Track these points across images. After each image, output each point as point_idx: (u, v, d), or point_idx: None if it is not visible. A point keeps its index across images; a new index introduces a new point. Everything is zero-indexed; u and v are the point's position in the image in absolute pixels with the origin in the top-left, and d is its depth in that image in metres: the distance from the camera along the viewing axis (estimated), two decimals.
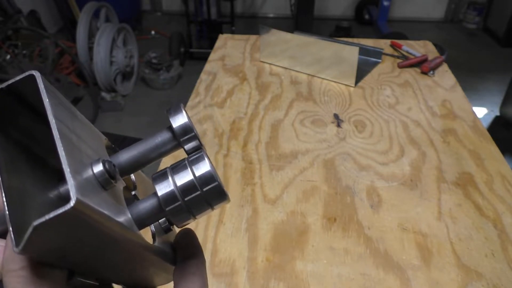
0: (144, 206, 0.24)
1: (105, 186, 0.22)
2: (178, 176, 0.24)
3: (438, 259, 0.57)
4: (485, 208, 0.66)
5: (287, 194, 0.68)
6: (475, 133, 0.83)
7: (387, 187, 0.70)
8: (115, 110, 2.45)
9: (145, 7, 3.99)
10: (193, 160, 0.25)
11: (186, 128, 0.26)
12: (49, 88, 0.21)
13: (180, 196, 0.24)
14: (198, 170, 0.24)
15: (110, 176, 0.22)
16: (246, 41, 1.25)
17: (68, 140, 0.20)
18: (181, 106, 0.26)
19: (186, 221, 0.25)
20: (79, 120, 0.24)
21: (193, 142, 0.26)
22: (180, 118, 0.26)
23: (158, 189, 0.24)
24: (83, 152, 0.21)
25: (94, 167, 0.21)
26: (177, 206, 0.24)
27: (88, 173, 0.20)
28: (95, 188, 0.20)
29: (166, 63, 2.62)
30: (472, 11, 3.62)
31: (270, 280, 0.55)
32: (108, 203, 0.21)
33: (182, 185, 0.24)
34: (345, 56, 0.98)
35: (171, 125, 0.26)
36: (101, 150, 0.25)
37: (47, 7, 3.20)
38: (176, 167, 0.25)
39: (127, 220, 0.23)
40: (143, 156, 0.26)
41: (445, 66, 1.10)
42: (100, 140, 0.26)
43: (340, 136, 0.83)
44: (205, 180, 0.24)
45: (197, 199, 0.24)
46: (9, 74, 2.04)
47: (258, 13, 3.98)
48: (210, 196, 0.24)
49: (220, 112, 0.90)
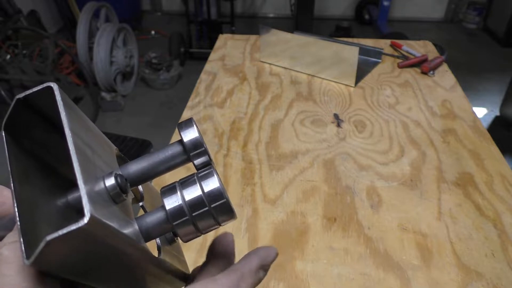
0: (152, 219, 0.25)
1: (116, 200, 0.22)
2: (187, 191, 0.24)
3: (438, 259, 0.57)
4: (485, 208, 0.66)
5: (287, 194, 0.68)
6: (475, 133, 0.83)
7: (387, 187, 0.70)
8: (115, 110, 2.45)
9: (145, 7, 3.99)
10: (202, 176, 0.25)
11: (196, 143, 0.26)
12: (66, 100, 0.21)
13: (187, 211, 0.24)
14: (207, 186, 0.24)
15: (122, 190, 0.22)
16: (246, 41, 1.25)
17: (82, 154, 0.20)
18: (192, 121, 0.27)
19: (192, 236, 0.25)
20: (92, 132, 0.24)
21: (202, 158, 0.26)
22: (191, 132, 0.26)
23: (166, 203, 0.24)
24: (96, 165, 0.22)
25: (107, 181, 0.22)
26: (185, 221, 0.24)
27: (100, 186, 0.21)
28: (106, 202, 0.21)
29: (166, 63, 2.62)
30: (472, 11, 3.62)
31: (270, 280, 0.55)
32: (118, 217, 0.21)
33: (190, 200, 0.24)
34: (345, 56, 0.98)
35: (182, 139, 0.26)
36: (113, 162, 0.25)
37: (47, 7, 3.20)
38: (185, 182, 0.25)
39: (135, 233, 0.23)
40: (152, 169, 0.26)
41: (445, 66, 1.10)
42: (111, 151, 0.26)
43: (340, 136, 0.83)
44: (213, 197, 0.24)
45: (204, 214, 0.24)
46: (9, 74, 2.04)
47: (258, 13, 3.98)
48: (218, 213, 0.24)
49: (220, 112, 0.90)
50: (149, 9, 4.01)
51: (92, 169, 0.20)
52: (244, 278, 0.24)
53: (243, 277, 0.24)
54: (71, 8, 2.95)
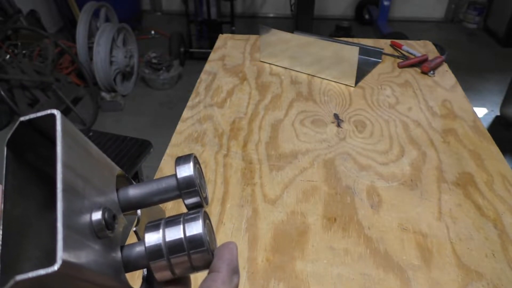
0: (133, 252, 0.24)
1: (99, 235, 0.21)
2: (169, 231, 0.24)
3: (438, 259, 0.57)
4: (485, 208, 0.66)
5: (287, 194, 0.68)
6: (475, 133, 0.83)
7: (387, 187, 0.70)
8: (115, 110, 2.45)
9: (145, 7, 3.99)
10: (188, 219, 0.24)
11: (189, 181, 0.25)
12: (67, 127, 0.21)
13: (165, 252, 0.23)
14: (190, 231, 0.24)
15: (107, 226, 0.22)
16: (246, 41, 1.25)
17: (71, 190, 0.20)
18: (191, 157, 0.26)
19: (166, 277, 0.24)
20: (92, 156, 0.23)
21: (193, 198, 0.26)
22: (186, 169, 0.25)
23: (146, 240, 0.24)
24: (86, 198, 0.21)
25: (94, 215, 0.21)
26: (161, 262, 0.23)
27: (84, 221, 0.21)
28: (86, 239, 0.20)
29: (166, 63, 2.62)
30: (472, 11, 3.62)
31: (270, 280, 0.55)
32: (97, 253, 0.21)
33: (170, 242, 0.23)
34: (345, 56, 0.98)
35: (176, 174, 0.25)
36: (109, 190, 0.25)
37: (47, 7, 3.20)
38: (170, 221, 0.24)
39: (115, 267, 0.23)
40: (147, 199, 0.26)
41: (445, 66, 1.10)
42: (111, 174, 0.26)
43: (340, 136, 0.83)
44: (194, 243, 0.23)
45: (182, 260, 0.23)
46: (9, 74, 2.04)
47: (258, 13, 3.97)
48: (196, 260, 0.23)
49: (220, 112, 0.90)
50: (149, 9, 4.01)
51: (78, 204, 0.20)
52: None
53: None
54: (71, 8, 2.95)
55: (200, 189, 0.26)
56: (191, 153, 0.27)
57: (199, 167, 0.28)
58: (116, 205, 0.25)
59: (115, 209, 0.25)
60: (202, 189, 0.27)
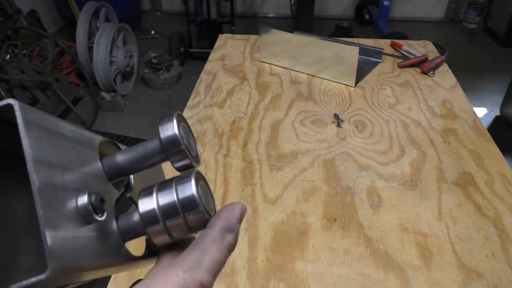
0: (129, 221, 0.24)
1: (89, 221, 0.21)
2: (162, 196, 0.23)
3: (438, 259, 0.57)
4: (486, 208, 0.65)
5: (287, 194, 0.68)
6: (475, 133, 0.83)
7: (387, 187, 0.69)
8: (115, 110, 2.45)
9: (145, 7, 3.98)
10: (180, 181, 0.23)
11: (173, 141, 0.24)
12: (30, 115, 0.19)
13: (161, 218, 0.23)
14: (182, 193, 0.23)
15: (95, 210, 0.21)
16: (246, 41, 1.25)
17: (49, 186, 0.19)
18: (174, 115, 0.24)
19: (165, 241, 0.24)
20: (65, 138, 0.22)
21: (181, 158, 0.24)
22: (169, 128, 0.24)
23: (140, 207, 0.23)
24: (67, 187, 0.20)
25: (79, 200, 0.21)
26: (157, 227, 0.23)
27: (70, 212, 0.20)
28: (76, 230, 0.20)
29: (166, 63, 2.61)
30: (473, 11, 3.62)
31: (270, 280, 0.54)
32: (90, 241, 0.20)
33: (163, 206, 0.23)
34: (345, 56, 0.98)
35: (159, 135, 0.24)
36: (92, 165, 0.23)
37: (47, 7, 3.20)
38: (162, 186, 0.24)
39: (112, 244, 0.22)
40: (135, 164, 0.25)
41: (445, 66, 1.10)
42: (92, 148, 0.24)
43: (340, 136, 0.82)
44: (188, 205, 0.23)
45: (177, 223, 0.23)
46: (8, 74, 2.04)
47: (258, 13, 3.97)
48: (192, 222, 0.23)
49: (220, 112, 0.90)
50: (149, 9, 4.01)
51: (60, 197, 0.19)
52: (207, 251, 0.22)
53: (205, 251, 0.22)
54: (71, 8, 2.95)
55: (188, 148, 0.24)
56: (177, 111, 0.25)
57: (186, 125, 0.26)
58: (102, 178, 0.24)
59: (101, 184, 0.23)
60: (191, 148, 0.25)
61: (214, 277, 0.21)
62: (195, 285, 0.20)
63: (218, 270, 0.22)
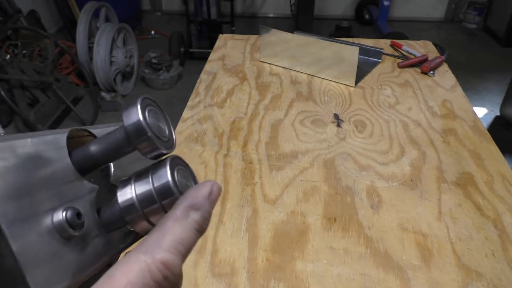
0: (110, 213, 0.24)
1: (66, 237, 0.21)
2: (139, 185, 0.23)
3: (438, 259, 0.57)
4: (485, 208, 0.65)
5: (287, 194, 0.68)
6: (475, 133, 0.83)
7: (387, 187, 0.70)
8: (115, 110, 2.45)
9: (145, 7, 3.99)
10: (155, 169, 0.23)
11: (139, 128, 0.22)
12: None
13: (139, 207, 0.23)
14: (158, 181, 0.23)
15: (72, 227, 0.21)
16: (246, 41, 1.25)
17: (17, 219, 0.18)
18: (139, 100, 0.23)
19: (147, 229, 0.24)
20: (29, 157, 0.21)
21: (151, 148, 0.23)
22: (132, 115, 0.22)
23: (119, 197, 0.23)
24: (38, 212, 0.20)
25: (55, 216, 0.20)
26: (137, 216, 0.23)
27: (45, 237, 0.19)
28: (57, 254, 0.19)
29: (166, 63, 2.61)
30: (472, 11, 3.62)
31: (270, 280, 0.55)
32: (71, 255, 0.20)
33: (140, 195, 0.23)
34: (345, 56, 0.98)
35: (123, 122, 0.23)
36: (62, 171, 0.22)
37: (47, 7, 3.20)
38: (139, 175, 0.23)
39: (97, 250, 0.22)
40: (104, 157, 0.24)
41: (445, 66, 1.10)
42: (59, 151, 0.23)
43: (340, 136, 0.83)
44: (163, 192, 0.23)
45: (156, 211, 0.23)
46: (8, 74, 2.04)
47: (258, 13, 3.97)
48: (169, 208, 0.22)
49: (220, 112, 0.90)
50: (149, 9, 4.01)
51: (32, 225, 0.19)
52: (167, 231, 0.21)
53: (165, 231, 0.21)
54: (71, 8, 2.95)
55: (157, 135, 0.23)
56: (144, 95, 0.24)
57: (155, 108, 0.24)
58: (75, 179, 0.23)
59: (75, 186, 0.23)
60: (161, 133, 0.24)
61: (179, 257, 0.20)
62: (157, 265, 0.19)
63: (185, 250, 0.21)
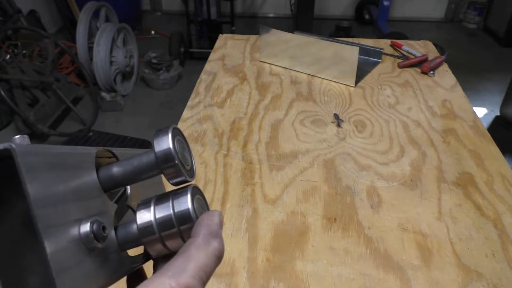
0: (127, 232, 0.25)
1: (91, 248, 0.21)
2: (159, 209, 0.24)
3: (438, 259, 0.57)
4: (486, 208, 0.65)
5: (287, 194, 0.68)
6: (475, 133, 0.83)
7: (387, 187, 0.69)
8: (115, 110, 2.45)
9: (145, 7, 3.99)
10: (177, 195, 0.24)
11: (168, 156, 0.24)
12: (29, 158, 0.19)
13: (157, 230, 0.24)
14: (178, 206, 0.24)
15: (97, 238, 0.22)
16: (246, 41, 1.25)
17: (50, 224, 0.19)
18: (169, 129, 0.25)
19: (161, 253, 0.25)
20: (64, 167, 0.22)
21: (176, 174, 0.24)
22: (163, 142, 0.24)
23: (138, 218, 0.24)
24: (69, 220, 0.21)
25: (82, 228, 0.21)
26: (153, 239, 0.24)
27: (73, 244, 0.20)
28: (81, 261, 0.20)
29: (166, 63, 2.61)
30: (472, 11, 3.62)
31: (270, 280, 0.54)
32: (91, 266, 0.21)
33: (160, 219, 0.24)
34: (345, 56, 0.98)
35: (154, 148, 0.24)
36: (89, 184, 0.24)
37: (47, 7, 3.20)
38: (160, 199, 0.25)
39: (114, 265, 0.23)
40: (130, 177, 0.25)
41: (445, 66, 1.10)
42: (90, 166, 0.24)
43: (340, 136, 0.82)
44: (183, 218, 0.24)
45: (173, 235, 0.24)
46: (8, 74, 2.04)
47: (258, 13, 3.97)
48: (187, 234, 0.24)
49: (220, 112, 0.90)
50: (149, 9, 4.01)
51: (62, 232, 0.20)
52: (191, 257, 0.22)
53: (190, 257, 0.22)
54: (71, 8, 2.95)
55: (183, 163, 0.25)
56: (172, 124, 0.26)
57: (181, 138, 0.26)
58: (100, 196, 0.24)
59: (100, 202, 0.24)
60: (185, 162, 0.26)
61: (201, 283, 0.21)
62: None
63: (206, 276, 0.22)
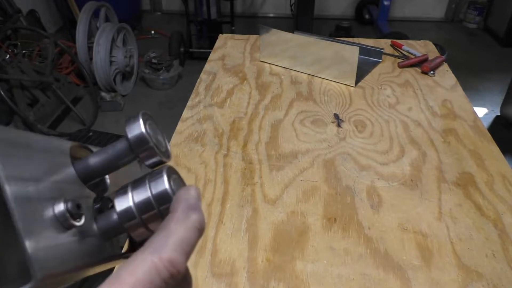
0: (108, 221, 0.25)
1: (67, 226, 0.22)
2: (137, 192, 0.24)
3: (439, 259, 0.57)
4: (486, 208, 0.65)
5: (287, 194, 0.68)
6: (475, 133, 0.83)
7: (387, 187, 0.69)
8: (115, 110, 2.45)
9: (145, 7, 3.98)
10: (152, 176, 0.24)
11: (141, 139, 0.24)
12: None
13: (137, 214, 0.24)
14: (155, 188, 0.24)
15: (72, 216, 0.22)
16: (246, 41, 1.25)
17: (24, 199, 0.20)
18: (140, 114, 0.25)
19: (145, 236, 0.24)
20: (36, 149, 0.22)
21: (151, 157, 0.25)
22: (135, 127, 0.24)
23: (117, 205, 0.24)
24: (42, 197, 0.21)
25: (56, 208, 0.21)
26: (135, 223, 0.24)
27: (48, 221, 0.21)
28: (56, 237, 0.20)
29: (166, 63, 2.61)
30: (473, 10, 3.62)
31: (270, 280, 0.54)
32: (71, 246, 0.21)
33: (138, 202, 0.24)
34: (345, 56, 0.98)
35: (126, 135, 0.24)
36: (65, 172, 0.24)
37: (47, 7, 3.20)
38: (136, 183, 0.25)
39: (93, 246, 0.23)
40: (107, 166, 0.26)
41: (446, 66, 1.10)
42: (64, 155, 0.25)
43: (340, 136, 0.82)
44: (162, 199, 0.24)
45: (154, 217, 0.24)
46: (8, 74, 2.04)
47: (258, 13, 3.97)
48: (166, 214, 0.24)
49: (220, 112, 0.90)
50: (149, 9, 4.01)
51: (37, 209, 0.20)
52: (171, 232, 0.22)
53: (170, 232, 0.22)
54: (71, 8, 2.95)
55: (157, 145, 0.25)
56: (143, 111, 0.26)
57: (152, 122, 0.27)
58: (77, 183, 0.25)
59: (77, 189, 0.24)
60: (159, 144, 0.26)
61: (184, 256, 0.21)
62: (164, 264, 0.20)
63: (188, 249, 0.22)
